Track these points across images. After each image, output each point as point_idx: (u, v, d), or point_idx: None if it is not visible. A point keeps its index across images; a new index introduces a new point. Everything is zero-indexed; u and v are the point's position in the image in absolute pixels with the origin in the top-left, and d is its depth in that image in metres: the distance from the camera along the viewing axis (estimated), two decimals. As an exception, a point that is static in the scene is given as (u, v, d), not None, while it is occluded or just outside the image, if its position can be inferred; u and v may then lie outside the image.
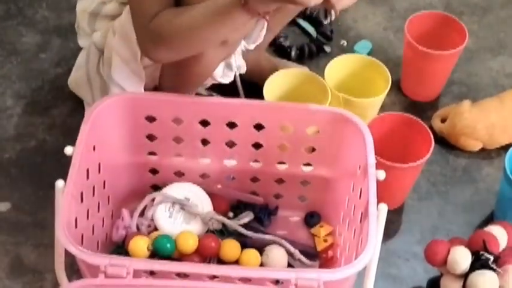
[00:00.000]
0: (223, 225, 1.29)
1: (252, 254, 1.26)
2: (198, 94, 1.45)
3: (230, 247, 1.25)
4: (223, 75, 1.34)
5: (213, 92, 1.48)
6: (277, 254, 1.26)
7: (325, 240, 1.32)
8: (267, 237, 1.29)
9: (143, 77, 1.32)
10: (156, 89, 1.37)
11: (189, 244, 1.24)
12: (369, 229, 1.07)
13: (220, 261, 1.26)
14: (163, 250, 1.22)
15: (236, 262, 1.25)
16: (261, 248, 1.27)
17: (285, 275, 1.05)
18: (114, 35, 1.32)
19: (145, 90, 1.35)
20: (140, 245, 1.21)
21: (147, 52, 1.21)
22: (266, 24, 1.14)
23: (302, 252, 1.28)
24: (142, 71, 1.31)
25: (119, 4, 1.35)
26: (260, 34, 1.41)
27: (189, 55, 1.22)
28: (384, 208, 1.11)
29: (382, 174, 1.14)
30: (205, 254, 1.25)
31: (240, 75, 1.42)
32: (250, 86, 1.49)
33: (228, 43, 1.23)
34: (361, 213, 1.14)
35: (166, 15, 1.16)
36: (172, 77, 1.33)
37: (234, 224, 1.29)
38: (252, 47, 1.39)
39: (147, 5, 1.17)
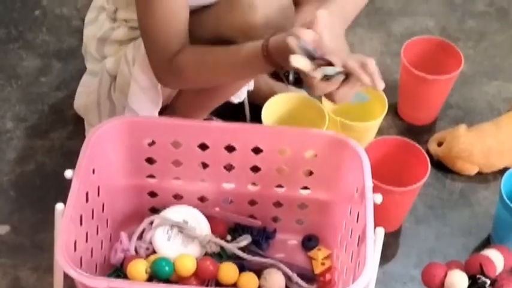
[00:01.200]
0: (221, 248, 1.30)
1: (250, 277, 1.26)
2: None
3: (228, 270, 1.26)
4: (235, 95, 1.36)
5: (212, 116, 1.49)
6: (275, 278, 1.26)
7: (323, 264, 1.32)
8: (265, 260, 1.30)
9: (160, 103, 1.35)
10: (167, 107, 1.39)
11: (187, 267, 1.24)
12: (366, 253, 1.07)
13: (219, 284, 1.26)
14: (161, 273, 1.22)
15: (234, 285, 1.26)
16: (259, 271, 1.27)
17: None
18: (129, 62, 1.33)
19: None
20: (138, 268, 1.22)
21: (165, 83, 1.28)
22: None
23: (300, 275, 1.28)
24: (160, 98, 1.35)
25: (128, 29, 1.36)
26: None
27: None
28: (381, 232, 1.12)
29: (379, 198, 1.15)
30: (203, 277, 1.26)
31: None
32: (249, 109, 1.50)
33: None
34: (359, 237, 1.14)
35: (191, 55, 1.21)
36: (190, 101, 1.36)
37: (232, 247, 1.29)
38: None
39: (164, 40, 1.20)
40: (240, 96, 1.43)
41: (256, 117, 1.39)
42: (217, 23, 1.23)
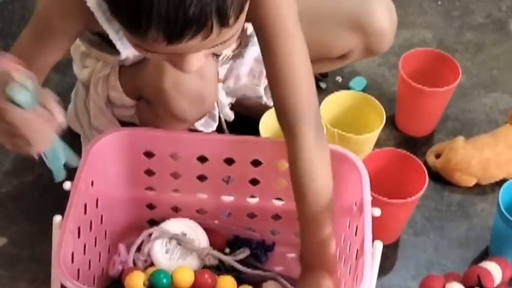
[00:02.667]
0: (220, 261, 1.29)
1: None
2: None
3: (226, 283, 1.25)
4: (204, 124, 1.35)
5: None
6: None
7: (321, 276, 1.32)
8: (264, 273, 1.29)
9: (118, 124, 1.34)
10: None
11: (185, 280, 1.23)
12: (364, 267, 1.07)
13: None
14: (159, 285, 1.21)
15: (232, 298, 1.26)
16: (257, 284, 1.27)
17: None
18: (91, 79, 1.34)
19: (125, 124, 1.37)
20: (136, 280, 1.21)
21: None
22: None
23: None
24: (115, 120, 1.34)
25: None
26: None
27: None
28: (379, 245, 1.12)
29: (377, 212, 1.15)
30: (201, 290, 1.26)
31: (236, 111, 1.44)
32: (246, 121, 1.50)
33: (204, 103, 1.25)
34: (357, 250, 1.14)
35: None
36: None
37: (231, 260, 1.29)
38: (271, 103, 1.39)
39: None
40: (212, 125, 1.38)
41: (254, 130, 1.39)
42: (141, 80, 1.24)
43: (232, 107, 1.44)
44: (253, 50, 1.36)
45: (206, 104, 1.24)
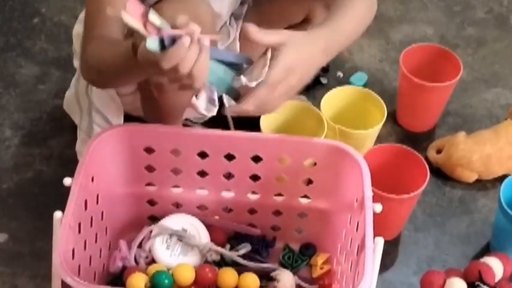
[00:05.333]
0: (221, 256, 1.29)
1: (250, 278, 1.25)
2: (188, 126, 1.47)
3: (227, 275, 1.25)
4: (206, 108, 1.34)
5: (193, 123, 1.50)
6: (287, 277, 1.25)
7: (322, 268, 1.32)
8: (266, 266, 1.29)
9: (120, 104, 1.34)
10: (142, 119, 1.39)
11: (186, 277, 1.23)
12: (365, 263, 1.07)
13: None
14: (161, 286, 1.21)
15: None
16: (260, 277, 1.27)
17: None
18: None
19: (126, 118, 1.37)
20: (138, 281, 1.21)
21: (81, 71, 1.22)
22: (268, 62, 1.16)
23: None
24: (118, 97, 1.33)
25: None
26: (262, 73, 1.43)
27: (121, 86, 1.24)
28: (380, 241, 1.12)
29: (378, 207, 1.15)
30: (203, 284, 1.25)
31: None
32: (247, 117, 1.50)
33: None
34: (358, 246, 1.14)
35: (98, 46, 1.15)
36: (149, 111, 1.34)
37: (233, 255, 1.29)
38: (253, 84, 1.40)
39: (91, 23, 1.16)
40: (212, 109, 1.37)
41: (255, 126, 1.39)
42: None
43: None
44: None
45: None
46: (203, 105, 1.31)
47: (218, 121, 1.43)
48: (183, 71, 0.95)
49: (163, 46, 0.95)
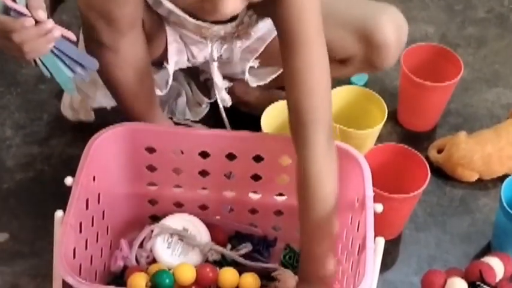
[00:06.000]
0: (222, 256, 1.29)
1: (251, 277, 1.25)
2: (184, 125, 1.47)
3: (228, 274, 1.26)
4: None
5: (194, 123, 1.50)
6: (288, 277, 1.25)
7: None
8: (266, 265, 1.29)
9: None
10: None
11: (187, 276, 1.24)
12: (366, 263, 1.07)
13: (219, 288, 1.26)
14: (162, 286, 1.21)
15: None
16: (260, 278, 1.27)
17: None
18: None
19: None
20: (139, 281, 1.21)
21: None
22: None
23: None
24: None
25: None
26: (266, 78, 1.43)
27: None
28: (381, 241, 1.12)
29: (379, 207, 1.15)
30: (203, 284, 1.26)
31: (237, 107, 1.44)
32: (248, 117, 1.50)
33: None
34: (359, 246, 1.14)
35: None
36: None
37: (233, 255, 1.29)
38: (254, 85, 1.41)
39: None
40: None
41: (255, 128, 1.39)
42: None
43: (232, 101, 1.44)
44: (259, 30, 1.34)
45: None
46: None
47: (219, 121, 1.44)
48: (15, 39, 0.99)
49: (7, 13, 1.00)
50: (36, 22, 1.00)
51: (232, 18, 1.23)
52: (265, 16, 1.21)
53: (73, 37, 1.06)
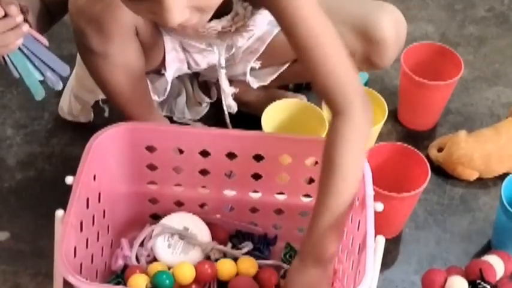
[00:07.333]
0: (224, 255, 1.30)
1: (247, 261, 1.27)
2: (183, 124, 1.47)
3: (226, 267, 1.26)
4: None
5: (195, 122, 1.50)
6: None
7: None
8: (268, 262, 1.30)
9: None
10: None
11: (187, 275, 1.24)
12: (367, 262, 1.07)
13: (220, 282, 1.27)
14: (162, 287, 1.22)
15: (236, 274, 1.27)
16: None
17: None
18: None
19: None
20: (139, 282, 1.21)
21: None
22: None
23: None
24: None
25: None
26: (267, 79, 1.43)
27: None
28: (381, 240, 1.12)
29: (380, 206, 1.15)
30: (203, 280, 1.26)
31: (238, 106, 1.44)
32: (248, 116, 1.50)
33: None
34: (359, 245, 1.14)
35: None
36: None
37: (237, 253, 1.29)
38: (255, 86, 1.41)
39: None
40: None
41: (256, 127, 1.39)
42: None
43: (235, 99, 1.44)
44: (258, 28, 1.34)
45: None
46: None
47: (219, 120, 1.44)
48: None
49: None
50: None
51: (227, 11, 1.23)
52: (259, 6, 1.21)
53: (45, 42, 1.06)
